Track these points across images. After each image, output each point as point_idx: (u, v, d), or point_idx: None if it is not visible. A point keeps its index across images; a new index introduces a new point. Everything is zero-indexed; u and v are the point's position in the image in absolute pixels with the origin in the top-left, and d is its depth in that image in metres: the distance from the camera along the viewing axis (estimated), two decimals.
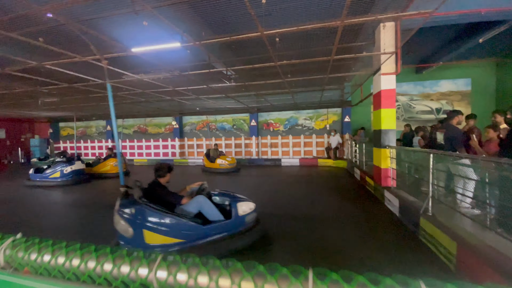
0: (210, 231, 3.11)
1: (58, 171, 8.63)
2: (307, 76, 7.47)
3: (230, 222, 3.26)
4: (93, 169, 10.04)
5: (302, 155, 13.48)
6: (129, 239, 2.87)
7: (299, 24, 4.09)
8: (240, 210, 3.36)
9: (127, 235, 2.87)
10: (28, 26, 4.06)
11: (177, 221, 2.97)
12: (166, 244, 2.93)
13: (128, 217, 2.88)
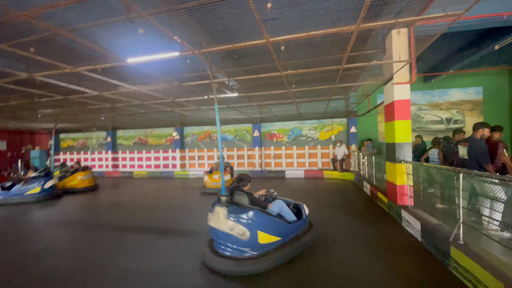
0: (294, 229, 3.76)
1: (38, 186, 8.09)
2: (313, 86, 7.13)
3: (301, 222, 3.92)
4: (60, 183, 9.42)
5: (307, 167, 13.01)
6: (244, 241, 3.21)
7: (308, 31, 3.75)
8: (306, 211, 4.10)
9: (243, 238, 3.20)
10: (20, 36, 3.78)
11: (279, 222, 3.54)
12: (272, 242, 3.40)
13: (245, 221, 3.24)
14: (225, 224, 3.28)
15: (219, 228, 3.36)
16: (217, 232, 3.43)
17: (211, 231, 3.60)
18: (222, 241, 3.39)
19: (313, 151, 13.04)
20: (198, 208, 6.67)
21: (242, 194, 3.56)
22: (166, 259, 3.67)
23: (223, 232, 3.32)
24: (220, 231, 3.35)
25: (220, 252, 3.37)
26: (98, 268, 3.47)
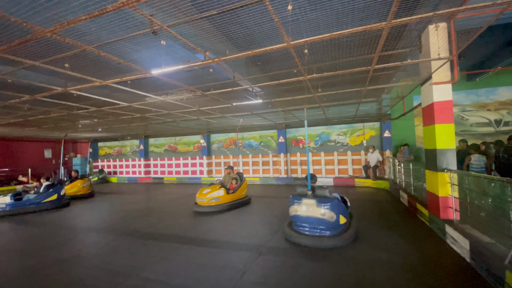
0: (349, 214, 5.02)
1: (55, 194, 8.44)
2: (341, 89, 6.75)
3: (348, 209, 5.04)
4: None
5: (336, 174, 12.40)
6: (332, 223, 4.35)
7: (333, 31, 3.50)
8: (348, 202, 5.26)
9: (332, 220, 4.33)
10: (55, 53, 4.05)
11: (345, 208, 4.73)
12: (344, 223, 4.54)
13: (333, 208, 4.34)
14: (318, 211, 4.39)
15: (311, 215, 4.45)
16: (308, 218, 4.52)
17: (298, 219, 4.66)
18: (311, 225, 4.50)
19: (343, 157, 12.41)
20: (222, 216, 6.59)
21: (324, 189, 4.78)
22: (190, 272, 3.58)
23: (315, 217, 4.41)
24: (312, 217, 4.45)
25: (306, 233, 4.49)
26: (122, 277, 3.49)
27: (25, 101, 6.27)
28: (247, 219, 6.23)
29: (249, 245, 4.54)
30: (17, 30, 3.07)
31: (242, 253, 4.18)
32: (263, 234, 5.10)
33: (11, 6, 2.58)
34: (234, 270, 3.60)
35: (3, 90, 5.41)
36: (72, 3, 2.85)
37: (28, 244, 5.05)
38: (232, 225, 5.79)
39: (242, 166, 14.51)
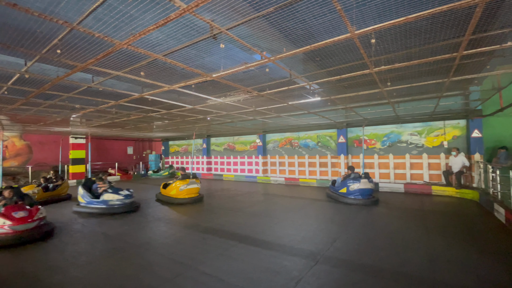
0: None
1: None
2: (415, 81, 5.83)
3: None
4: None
5: (408, 180, 10.90)
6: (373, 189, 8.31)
7: (407, 14, 2.98)
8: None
9: (374, 188, 8.35)
10: (133, 63, 4.62)
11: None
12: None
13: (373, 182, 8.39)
14: (369, 185, 8.07)
15: (367, 187, 8.01)
16: (364, 190, 7.99)
17: (358, 191, 8.04)
18: (365, 192, 8.02)
19: (417, 160, 10.82)
20: (277, 216, 6.49)
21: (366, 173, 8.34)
22: (244, 272, 3.59)
23: (369, 188, 8.04)
24: (367, 189, 8.01)
25: (359, 197, 8.00)
26: (183, 268, 3.73)
27: (112, 106, 7.41)
28: (302, 224, 5.98)
29: (304, 251, 4.31)
30: (101, 45, 3.57)
31: (297, 259, 3.99)
32: (319, 241, 4.79)
33: (94, 23, 3.00)
34: (288, 276, 3.45)
35: (96, 97, 6.49)
36: (146, 17, 3.15)
37: (110, 229, 5.92)
38: (287, 228, 5.63)
39: (298, 167, 14.16)
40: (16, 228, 4.96)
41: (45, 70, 4.88)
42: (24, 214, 5.22)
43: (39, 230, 5.24)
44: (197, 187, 9.21)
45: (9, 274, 3.74)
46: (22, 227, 5.03)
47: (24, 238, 4.95)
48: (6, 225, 4.92)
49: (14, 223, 4.97)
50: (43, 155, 15.68)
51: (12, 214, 5.10)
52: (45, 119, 9.50)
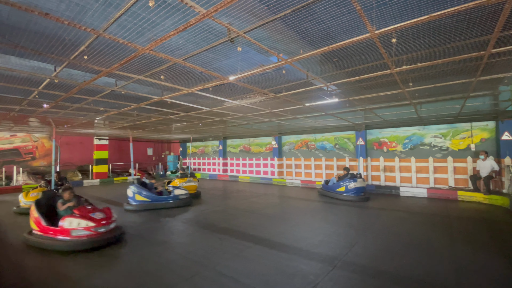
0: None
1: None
2: (439, 81, 5.58)
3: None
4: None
5: (431, 184, 10.41)
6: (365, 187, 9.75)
7: (430, 12, 2.87)
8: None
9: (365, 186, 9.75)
10: (153, 67, 4.79)
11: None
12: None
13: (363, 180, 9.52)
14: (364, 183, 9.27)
15: (362, 186, 9.04)
16: (359, 188, 8.95)
17: (355, 189, 8.92)
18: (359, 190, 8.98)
19: (441, 164, 10.32)
20: (293, 219, 6.43)
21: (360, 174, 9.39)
22: (259, 274, 3.59)
23: (363, 186, 9.09)
24: (362, 187, 9.02)
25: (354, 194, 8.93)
26: (200, 268, 3.78)
27: (133, 109, 7.71)
28: (319, 227, 5.88)
29: (321, 255, 4.23)
30: (125, 50, 3.73)
31: (313, 263, 3.92)
32: (337, 245, 4.69)
33: (118, 30, 3.15)
34: (304, 280, 3.40)
35: (118, 100, 6.78)
36: (165, 23, 3.26)
37: (132, 229, 6.12)
38: (303, 231, 5.56)
39: (314, 169, 13.95)
40: (98, 229, 4.75)
41: (73, 75, 5.17)
42: (102, 215, 5.04)
43: (117, 231, 5.11)
44: (194, 184, 10.15)
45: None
46: (104, 228, 4.85)
47: (109, 239, 4.82)
48: (90, 227, 4.69)
49: (97, 225, 4.76)
50: (69, 155, 16.59)
51: (91, 216, 4.90)
52: (72, 121, 10.06)
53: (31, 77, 4.99)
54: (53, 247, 4.59)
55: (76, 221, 4.70)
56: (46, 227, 4.77)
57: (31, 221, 5.02)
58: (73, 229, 4.63)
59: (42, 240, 4.72)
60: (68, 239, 4.59)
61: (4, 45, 3.62)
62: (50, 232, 4.73)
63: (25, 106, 7.12)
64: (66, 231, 4.63)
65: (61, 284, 3.47)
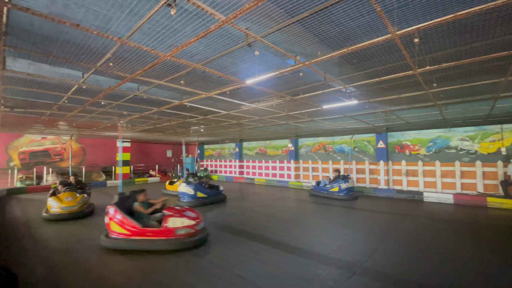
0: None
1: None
2: (466, 82, 5.30)
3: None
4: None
5: (458, 190, 9.86)
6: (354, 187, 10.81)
7: (456, 11, 2.75)
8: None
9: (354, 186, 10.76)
10: (173, 72, 4.95)
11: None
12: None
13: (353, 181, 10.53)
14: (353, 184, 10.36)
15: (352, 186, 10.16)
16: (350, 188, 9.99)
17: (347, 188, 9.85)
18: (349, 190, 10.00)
19: (468, 168, 9.75)
20: (311, 223, 6.34)
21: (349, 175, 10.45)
22: (276, 277, 3.57)
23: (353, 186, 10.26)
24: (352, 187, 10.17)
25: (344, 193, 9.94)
26: (217, 269, 3.83)
27: (154, 113, 7.99)
28: (338, 232, 5.75)
29: (340, 260, 4.14)
30: (148, 57, 3.89)
31: (332, 269, 3.85)
32: (356, 251, 4.56)
33: (141, 37, 3.29)
34: (322, 286, 3.35)
35: (140, 104, 7.06)
36: (186, 30, 3.38)
37: None
38: (321, 236, 5.46)
39: (332, 173, 13.66)
40: (198, 227, 4.96)
41: (99, 81, 5.46)
42: (193, 214, 5.15)
43: (205, 230, 5.27)
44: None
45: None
46: (200, 226, 5.02)
47: (205, 238, 5.01)
48: (193, 225, 4.83)
49: (196, 223, 4.92)
50: (94, 157, 17.44)
51: (188, 214, 5.02)
52: (97, 124, 10.59)
53: (61, 84, 5.33)
54: (155, 247, 4.59)
55: (179, 220, 4.75)
56: (144, 229, 4.69)
57: (112, 224, 4.84)
58: (177, 228, 4.68)
59: (138, 243, 4.63)
60: (171, 239, 4.62)
61: (39, 54, 3.90)
62: (148, 233, 4.68)
63: (55, 111, 7.60)
64: (170, 231, 4.64)
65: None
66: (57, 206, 7.09)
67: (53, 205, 7.10)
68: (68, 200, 7.33)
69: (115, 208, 4.94)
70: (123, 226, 4.76)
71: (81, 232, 5.94)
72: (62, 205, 7.12)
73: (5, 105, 6.74)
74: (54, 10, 3.12)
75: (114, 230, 4.84)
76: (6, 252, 4.65)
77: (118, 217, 4.82)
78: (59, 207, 7.09)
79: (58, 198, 7.27)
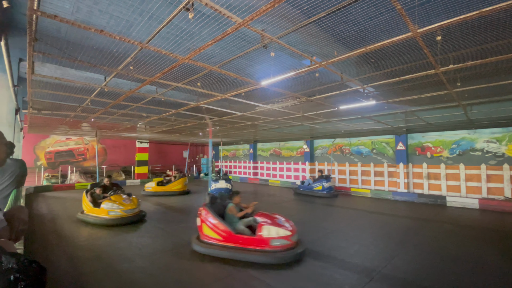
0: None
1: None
2: (493, 81, 5.02)
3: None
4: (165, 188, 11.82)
5: (483, 194, 9.33)
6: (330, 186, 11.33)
7: (481, 7, 2.62)
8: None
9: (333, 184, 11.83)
10: (190, 75, 5.06)
11: None
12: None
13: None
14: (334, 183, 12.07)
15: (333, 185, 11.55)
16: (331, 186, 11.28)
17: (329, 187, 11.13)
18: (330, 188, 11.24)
19: (495, 172, 9.21)
20: (327, 227, 6.23)
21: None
22: (290, 279, 3.54)
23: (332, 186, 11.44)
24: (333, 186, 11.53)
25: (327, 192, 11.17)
26: (232, 269, 3.85)
27: (171, 114, 8.19)
28: (355, 236, 5.61)
29: (357, 265, 4.04)
30: (166, 60, 4.00)
31: (349, 273, 3.76)
32: (375, 256, 4.43)
33: (160, 42, 3.39)
34: None
35: (159, 106, 7.27)
36: (203, 33, 3.44)
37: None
38: (338, 240, 5.35)
39: (349, 175, 13.38)
40: (293, 238, 4.45)
41: (120, 84, 5.68)
42: (287, 223, 4.58)
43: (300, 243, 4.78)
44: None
45: None
46: (295, 237, 4.50)
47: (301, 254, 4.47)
48: (288, 236, 4.28)
49: (291, 234, 4.34)
50: (115, 157, 18.11)
51: (281, 222, 4.49)
52: (118, 125, 11.00)
53: (85, 87, 5.59)
54: (248, 258, 4.06)
55: (274, 230, 4.19)
56: (237, 236, 4.29)
57: (205, 228, 4.56)
58: (272, 238, 4.12)
59: (231, 250, 4.18)
60: (266, 251, 4.08)
61: (66, 59, 4.11)
62: (240, 241, 4.25)
63: (79, 113, 7.98)
64: (265, 242, 4.12)
65: None
66: (120, 209, 6.50)
67: (114, 208, 6.50)
68: (127, 202, 6.81)
69: (207, 209, 4.61)
70: (216, 230, 4.40)
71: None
72: (125, 208, 6.58)
73: (33, 108, 7.16)
74: (79, 17, 3.29)
75: (206, 234, 4.52)
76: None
77: (210, 220, 4.50)
78: (122, 210, 6.52)
79: (115, 201, 6.63)
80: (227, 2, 2.60)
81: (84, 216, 6.82)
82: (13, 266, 0.78)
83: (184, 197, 11.11)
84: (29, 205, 9.25)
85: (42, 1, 2.60)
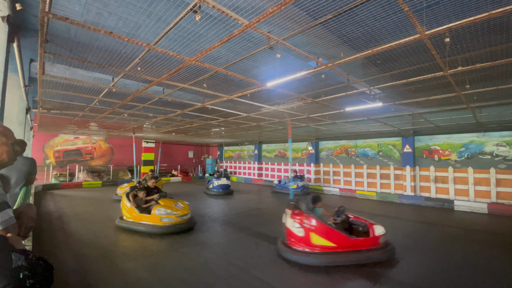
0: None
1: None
2: (502, 83, 4.93)
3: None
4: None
5: (493, 199, 9.14)
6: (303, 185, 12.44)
7: (490, 9, 2.58)
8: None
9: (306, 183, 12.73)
10: (197, 76, 5.11)
11: None
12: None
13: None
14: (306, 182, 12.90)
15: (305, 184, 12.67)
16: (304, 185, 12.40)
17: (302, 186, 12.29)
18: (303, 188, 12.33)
19: (505, 176, 9.01)
20: None
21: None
22: (294, 282, 3.53)
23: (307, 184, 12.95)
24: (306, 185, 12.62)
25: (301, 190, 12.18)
26: (236, 270, 3.86)
27: (177, 115, 8.26)
28: None
29: (362, 269, 4.00)
30: (173, 61, 4.05)
31: (354, 277, 3.73)
32: None
33: (168, 43, 3.43)
34: None
35: (165, 107, 7.34)
36: (209, 34, 3.47)
37: None
38: None
39: (355, 177, 13.27)
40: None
41: (127, 84, 5.76)
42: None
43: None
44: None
45: None
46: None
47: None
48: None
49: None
50: (121, 156, 18.34)
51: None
52: (125, 125, 11.14)
53: (93, 87, 5.68)
54: (361, 260, 4.09)
55: (381, 228, 4.33)
56: (353, 240, 4.20)
57: (314, 237, 4.26)
58: (381, 235, 4.28)
59: (345, 256, 4.06)
60: (377, 248, 4.22)
61: (75, 59, 4.19)
62: (356, 244, 4.19)
63: (87, 112, 8.11)
64: (376, 240, 4.25)
65: None
66: (174, 215, 5.75)
67: (168, 213, 5.76)
68: (180, 207, 6.09)
69: (315, 218, 4.25)
70: (329, 237, 4.11)
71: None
72: (180, 214, 5.85)
73: (43, 107, 7.31)
74: (88, 18, 3.35)
75: (316, 244, 4.15)
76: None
77: (320, 227, 4.21)
78: (176, 216, 5.77)
79: (168, 206, 5.93)
80: (234, 4, 2.62)
81: (128, 223, 5.94)
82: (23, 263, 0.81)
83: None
84: (38, 202, 9.43)
85: (53, 4, 2.67)
